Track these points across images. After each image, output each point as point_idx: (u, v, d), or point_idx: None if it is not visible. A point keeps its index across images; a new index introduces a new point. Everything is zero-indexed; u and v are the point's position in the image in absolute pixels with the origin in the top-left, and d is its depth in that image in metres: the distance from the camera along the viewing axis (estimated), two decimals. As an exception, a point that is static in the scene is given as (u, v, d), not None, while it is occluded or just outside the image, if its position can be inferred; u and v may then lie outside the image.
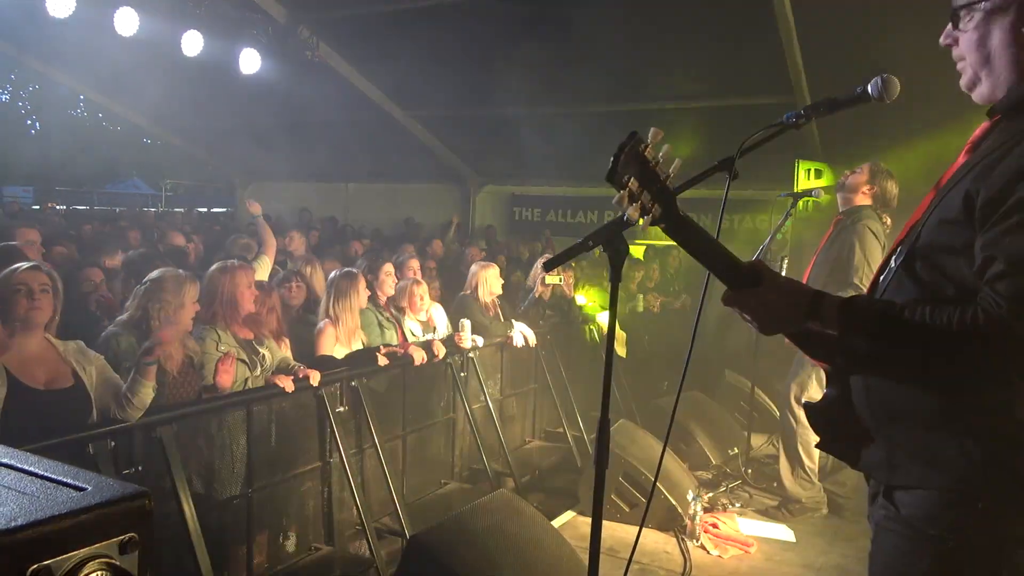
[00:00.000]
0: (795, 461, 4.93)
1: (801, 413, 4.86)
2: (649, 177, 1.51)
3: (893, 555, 1.58)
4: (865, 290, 4.55)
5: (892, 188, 4.75)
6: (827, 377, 1.76)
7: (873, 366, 1.61)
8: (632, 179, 1.50)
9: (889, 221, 4.86)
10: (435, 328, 5.46)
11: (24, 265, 3.04)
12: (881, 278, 1.71)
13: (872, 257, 4.54)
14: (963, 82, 1.64)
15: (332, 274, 4.84)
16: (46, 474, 1.03)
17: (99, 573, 0.91)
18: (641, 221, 1.53)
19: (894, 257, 1.68)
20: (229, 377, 3.73)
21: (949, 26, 1.64)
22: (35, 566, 0.87)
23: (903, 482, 1.57)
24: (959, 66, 1.65)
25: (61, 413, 2.96)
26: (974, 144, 1.63)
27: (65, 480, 1.01)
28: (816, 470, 4.97)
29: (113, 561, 0.93)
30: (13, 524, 0.87)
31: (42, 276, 3.02)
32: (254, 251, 6.06)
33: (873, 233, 4.60)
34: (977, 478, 1.47)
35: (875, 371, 1.61)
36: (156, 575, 1.02)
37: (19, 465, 1.06)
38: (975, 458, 1.47)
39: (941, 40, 1.67)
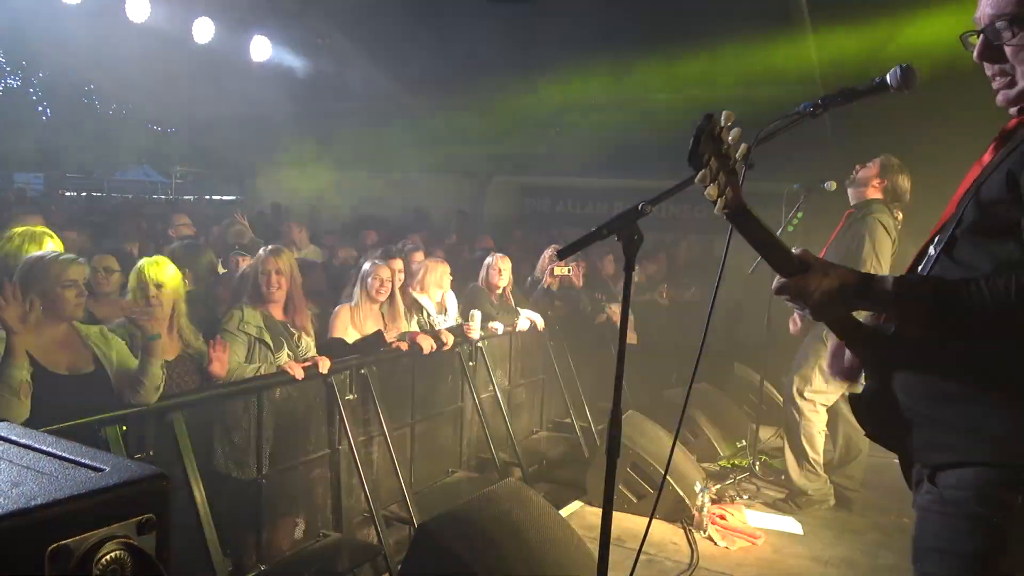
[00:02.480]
0: (800, 453, 4.92)
1: (804, 405, 4.85)
2: (723, 159, 1.57)
3: (940, 536, 1.60)
4: None
5: (904, 183, 4.70)
6: (865, 369, 1.78)
7: (924, 344, 1.61)
8: (713, 159, 1.56)
9: (900, 216, 4.82)
10: (446, 311, 5.47)
11: (68, 257, 3.06)
12: (920, 267, 1.73)
13: (882, 250, 4.51)
14: (1009, 95, 1.66)
15: (365, 265, 4.89)
16: (64, 454, 1.03)
17: (117, 553, 0.91)
18: (719, 204, 1.59)
19: (932, 245, 1.70)
20: (221, 365, 3.68)
21: (982, 40, 1.66)
22: (54, 545, 0.87)
23: (948, 460, 1.59)
24: (997, 82, 1.67)
25: (83, 398, 2.98)
26: (1004, 136, 1.67)
27: (83, 461, 1.01)
28: (821, 462, 4.97)
29: (131, 541, 0.93)
30: (33, 503, 0.87)
31: (83, 269, 3.08)
32: (248, 236, 6.09)
33: (884, 227, 4.56)
34: (1021, 449, 1.49)
35: (925, 350, 1.61)
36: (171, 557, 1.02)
37: (37, 445, 1.07)
38: (1019, 428, 1.49)
39: (975, 56, 1.69)
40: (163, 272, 3.51)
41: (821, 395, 4.83)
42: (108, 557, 0.90)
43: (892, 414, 1.69)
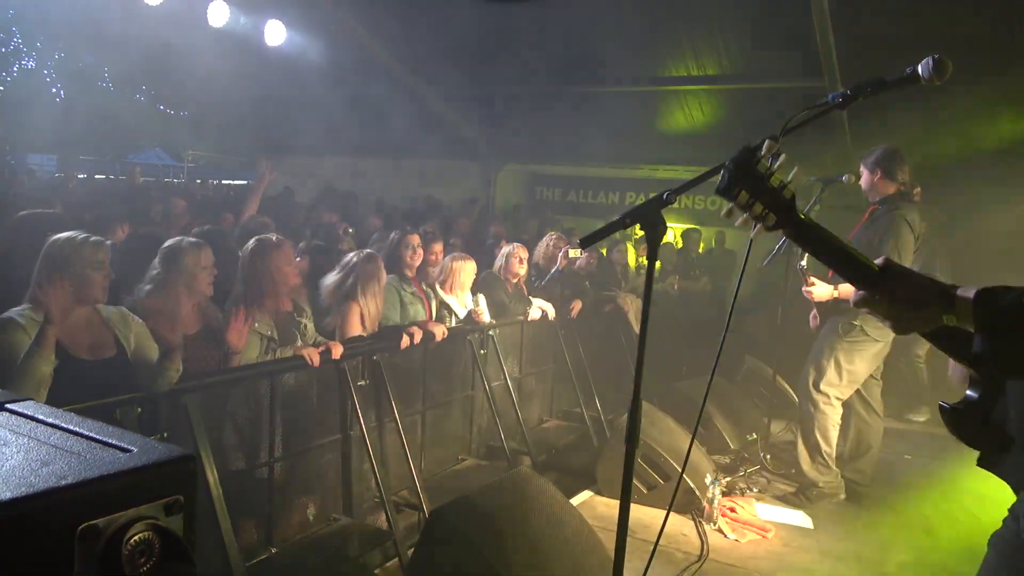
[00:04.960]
0: (812, 446, 4.91)
1: (819, 398, 4.83)
2: (761, 189, 1.53)
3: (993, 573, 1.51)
4: None
5: (891, 163, 4.61)
6: (970, 379, 1.65)
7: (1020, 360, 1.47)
8: (743, 192, 1.52)
9: (918, 190, 4.72)
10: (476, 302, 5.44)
11: (97, 239, 3.04)
12: None
13: (905, 247, 4.47)
14: None
15: (351, 256, 4.72)
16: (92, 434, 1.03)
17: (146, 534, 0.91)
18: (755, 231, 1.56)
19: None
20: (238, 336, 3.66)
21: None
22: (84, 524, 0.87)
23: None
24: None
25: (106, 382, 2.97)
26: None
27: (111, 441, 1.01)
28: (834, 455, 4.95)
29: (159, 523, 0.93)
30: (63, 482, 0.87)
31: (108, 251, 3.07)
32: (271, 227, 6.04)
33: (908, 224, 4.52)
34: None
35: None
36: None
37: (65, 425, 1.07)
38: None
39: None
40: (208, 255, 3.63)
41: (836, 388, 4.81)
42: (137, 538, 0.90)
43: (992, 433, 1.58)
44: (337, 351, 3.97)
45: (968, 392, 1.63)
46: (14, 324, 2.80)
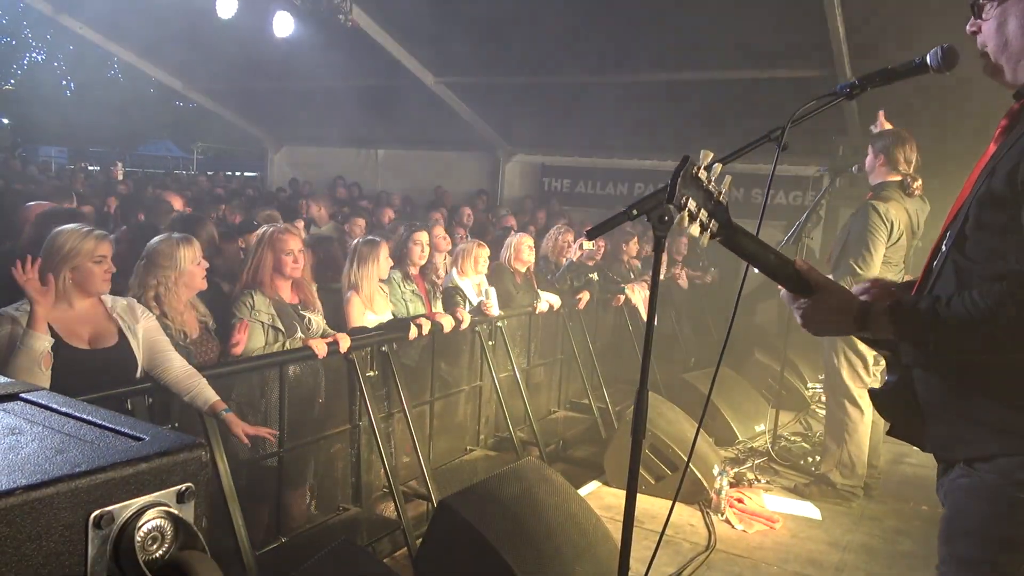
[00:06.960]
0: (841, 452, 4.84)
1: (845, 403, 4.77)
2: (705, 196, 1.65)
3: (982, 519, 1.59)
4: (860, 271, 4.54)
5: (899, 150, 4.53)
6: (887, 364, 1.78)
7: (938, 358, 1.63)
8: (690, 200, 1.62)
9: (919, 183, 4.64)
10: (487, 296, 5.43)
11: (100, 232, 3.06)
12: (934, 263, 1.71)
13: (874, 238, 4.44)
14: (984, 69, 1.67)
15: (354, 241, 4.82)
16: (104, 423, 1.04)
17: (159, 521, 0.92)
18: (704, 238, 1.67)
19: (944, 242, 1.68)
20: (242, 348, 3.71)
21: (972, 17, 1.67)
22: (98, 511, 0.88)
23: (982, 452, 1.57)
24: (982, 54, 1.68)
25: (104, 372, 2.99)
26: (1005, 129, 1.66)
27: (122, 429, 1.02)
28: (864, 460, 4.85)
29: (171, 510, 0.94)
30: (77, 469, 0.88)
31: (111, 245, 3.09)
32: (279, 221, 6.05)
33: (879, 214, 4.46)
34: None
35: (940, 362, 1.62)
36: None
37: (77, 414, 1.08)
38: None
39: (968, 28, 1.70)
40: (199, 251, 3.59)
41: (855, 384, 4.73)
42: (149, 525, 0.91)
43: (914, 410, 1.69)
44: (344, 343, 3.98)
45: (888, 377, 1.78)
46: (8, 318, 2.83)
